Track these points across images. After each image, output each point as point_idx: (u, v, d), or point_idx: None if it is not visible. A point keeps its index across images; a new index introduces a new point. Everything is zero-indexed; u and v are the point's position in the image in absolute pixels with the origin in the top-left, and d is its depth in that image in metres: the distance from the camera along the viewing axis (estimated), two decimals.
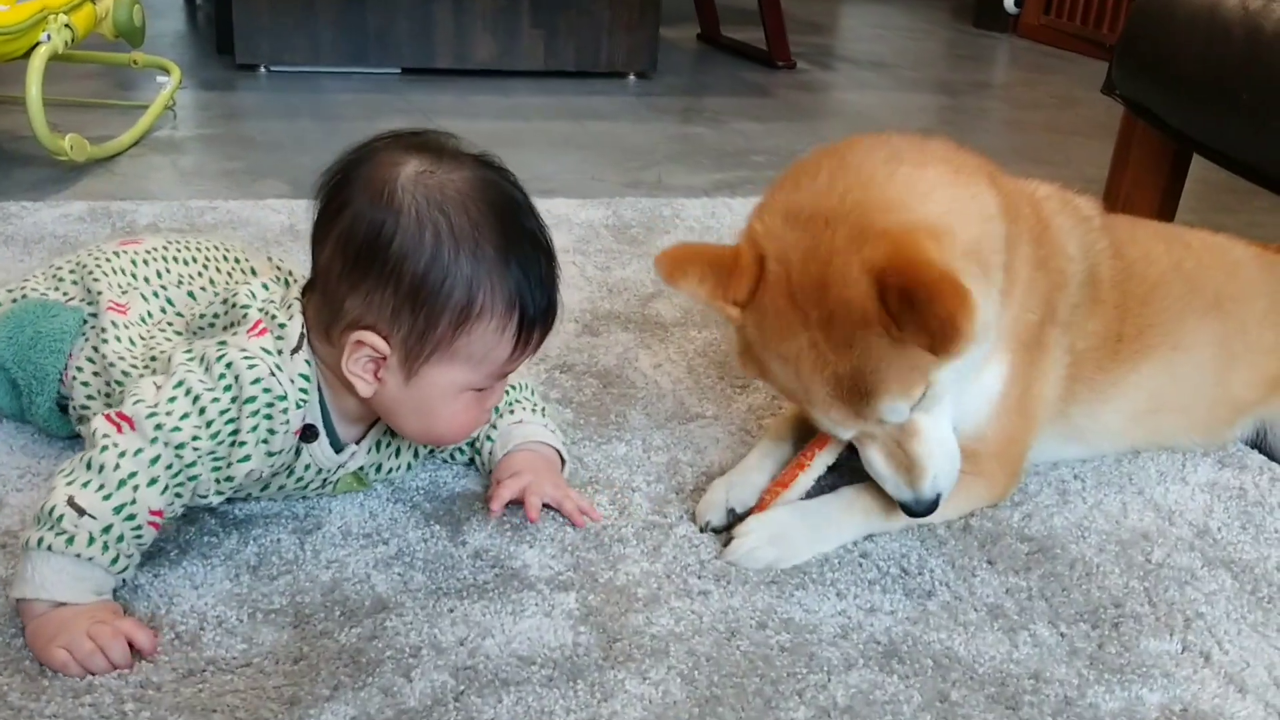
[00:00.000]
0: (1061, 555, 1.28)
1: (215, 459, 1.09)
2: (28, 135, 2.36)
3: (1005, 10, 5.59)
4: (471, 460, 1.37)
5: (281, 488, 1.22)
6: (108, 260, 1.33)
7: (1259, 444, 1.57)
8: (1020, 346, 1.31)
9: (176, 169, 2.57)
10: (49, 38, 2.34)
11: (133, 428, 1.05)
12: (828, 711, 1.02)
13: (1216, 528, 1.36)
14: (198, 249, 1.40)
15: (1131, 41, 2.23)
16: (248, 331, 1.13)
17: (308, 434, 1.16)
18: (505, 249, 1.10)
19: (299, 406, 1.12)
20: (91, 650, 0.99)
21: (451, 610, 1.12)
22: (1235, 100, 1.95)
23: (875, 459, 1.21)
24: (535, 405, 1.37)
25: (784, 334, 1.11)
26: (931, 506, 1.20)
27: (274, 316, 1.14)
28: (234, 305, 1.18)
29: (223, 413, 1.08)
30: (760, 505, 1.28)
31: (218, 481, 1.11)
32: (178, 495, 1.08)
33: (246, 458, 1.11)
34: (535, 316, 1.13)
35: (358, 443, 1.23)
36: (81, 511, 1.02)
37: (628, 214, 2.37)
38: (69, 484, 1.03)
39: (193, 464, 1.07)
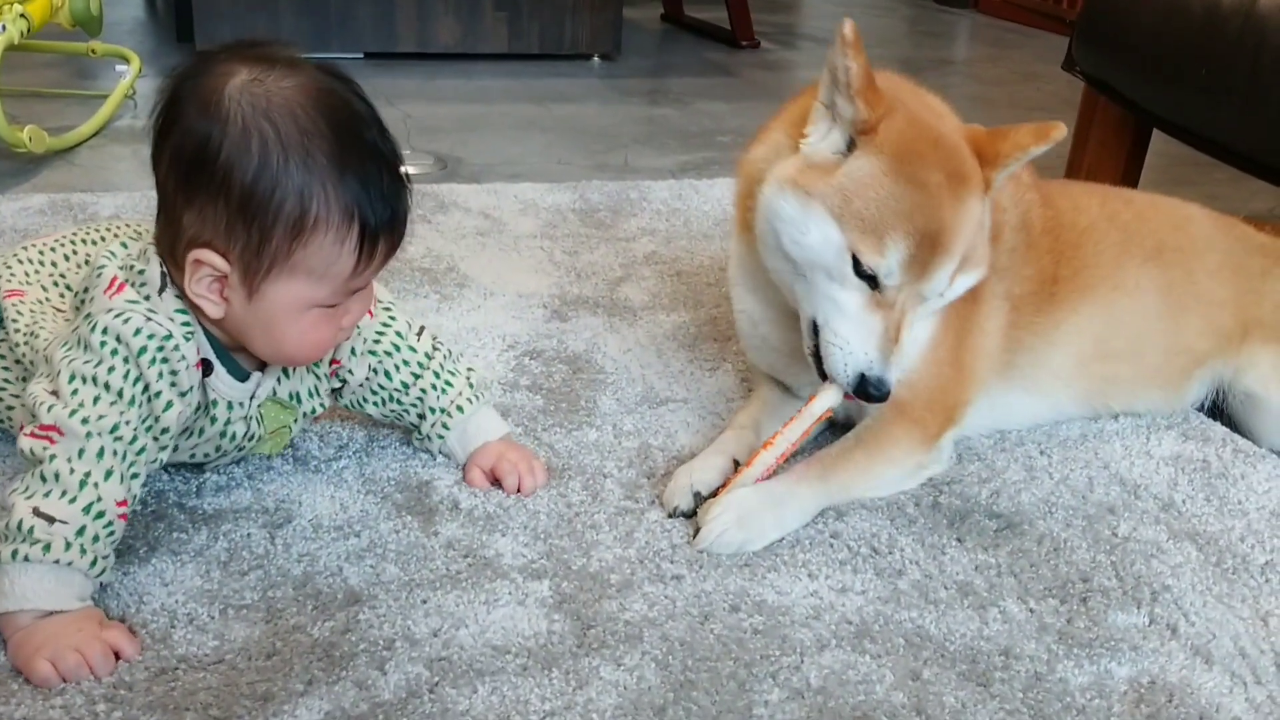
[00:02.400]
0: (1029, 531, 1.30)
1: (146, 422, 1.09)
2: None
3: None
4: (406, 430, 1.39)
5: (202, 432, 1.20)
6: (14, 255, 1.32)
7: (1219, 408, 1.59)
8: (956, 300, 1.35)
9: (138, 159, 2.53)
10: (4, 28, 2.30)
11: (62, 433, 1.04)
12: (801, 693, 1.03)
13: (1181, 500, 1.38)
14: (107, 229, 1.37)
15: (1092, 18, 2.24)
16: (104, 291, 1.11)
17: (206, 369, 1.15)
18: (340, 158, 1.07)
19: (188, 340, 1.11)
20: (77, 663, 0.99)
21: (425, 601, 1.12)
22: (1194, 75, 1.97)
23: (875, 324, 1.24)
24: (473, 394, 1.37)
25: (925, 166, 1.24)
26: (885, 393, 1.24)
27: (132, 268, 1.13)
28: (94, 270, 1.15)
29: (125, 376, 1.08)
30: (725, 485, 1.29)
31: (156, 439, 1.11)
32: (134, 477, 1.08)
33: (169, 404, 1.10)
34: (377, 229, 1.10)
35: (263, 371, 1.22)
36: (51, 519, 1.01)
37: (595, 197, 2.36)
38: (29, 498, 1.03)
39: (134, 439, 1.08)
